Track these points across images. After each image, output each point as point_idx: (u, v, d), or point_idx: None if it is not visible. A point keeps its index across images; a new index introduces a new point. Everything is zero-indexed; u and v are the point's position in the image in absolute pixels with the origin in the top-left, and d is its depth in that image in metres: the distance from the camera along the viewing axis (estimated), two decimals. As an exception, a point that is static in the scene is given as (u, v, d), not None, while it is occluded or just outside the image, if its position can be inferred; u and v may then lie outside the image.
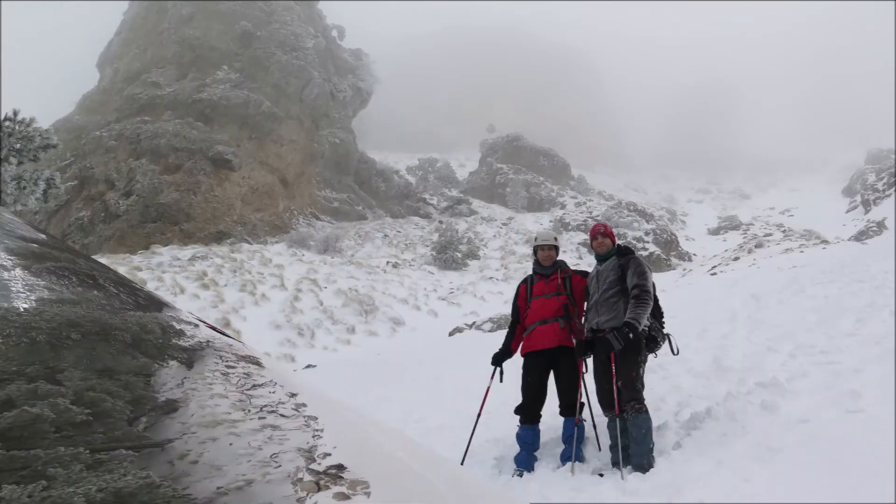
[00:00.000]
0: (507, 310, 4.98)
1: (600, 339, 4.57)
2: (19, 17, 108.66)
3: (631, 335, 4.39)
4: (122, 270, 19.97)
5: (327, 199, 43.14)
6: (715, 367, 6.46)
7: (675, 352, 4.88)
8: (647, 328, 4.59)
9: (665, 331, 4.85)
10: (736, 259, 28.57)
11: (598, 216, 44.15)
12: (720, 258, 31.78)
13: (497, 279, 28.73)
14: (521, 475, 4.58)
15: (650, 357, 4.81)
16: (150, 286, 18.38)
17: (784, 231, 45.69)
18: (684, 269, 32.80)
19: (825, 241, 30.02)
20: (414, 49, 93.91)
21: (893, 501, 3.01)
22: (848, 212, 51.78)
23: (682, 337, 6.13)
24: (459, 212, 48.84)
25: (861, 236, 32.78)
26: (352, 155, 47.45)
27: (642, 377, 4.59)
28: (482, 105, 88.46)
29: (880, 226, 36.28)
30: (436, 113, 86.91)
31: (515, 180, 54.23)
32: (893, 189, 47.04)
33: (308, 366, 13.68)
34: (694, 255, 41.68)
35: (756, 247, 32.81)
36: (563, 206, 51.34)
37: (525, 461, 4.72)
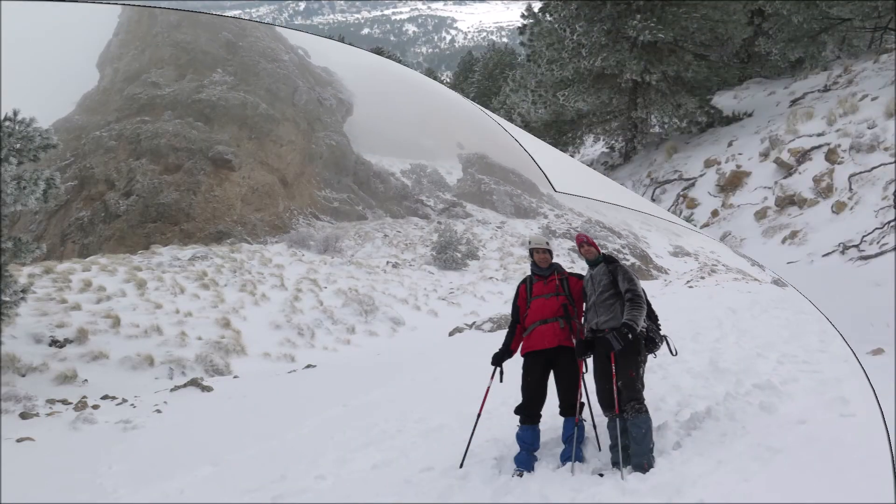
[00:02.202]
0: (507, 310, 5.00)
1: (600, 339, 4.59)
2: (19, 17, 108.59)
3: (630, 335, 4.40)
4: (121, 270, 19.94)
5: (327, 199, 43.13)
6: (712, 369, 6.46)
7: (674, 352, 4.91)
8: (644, 329, 4.61)
9: (662, 332, 4.88)
10: (702, 278, 28.56)
11: (577, 227, 44.32)
12: (689, 275, 31.80)
13: (497, 279, 28.72)
14: (520, 475, 4.58)
15: (650, 357, 4.83)
16: (150, 286, 18.38)
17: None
18: (665, 280, 32.79)
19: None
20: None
21: (893, 502, 3.01)
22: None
23: (678, 339, 6.14)
24: (455, 214, 48.91)
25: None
26: (348, 156, 47.49)
27: (642, 377, 4.60)
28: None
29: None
30: (411, 126, 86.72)
31: (498, 190, 54.69)
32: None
33: (308, 366, 13.67)
34: (668, 269, 41.69)
35: (710, 272, 32.62)
36: (545, 216, 51.61)
37: (525, 461, 4.71)
